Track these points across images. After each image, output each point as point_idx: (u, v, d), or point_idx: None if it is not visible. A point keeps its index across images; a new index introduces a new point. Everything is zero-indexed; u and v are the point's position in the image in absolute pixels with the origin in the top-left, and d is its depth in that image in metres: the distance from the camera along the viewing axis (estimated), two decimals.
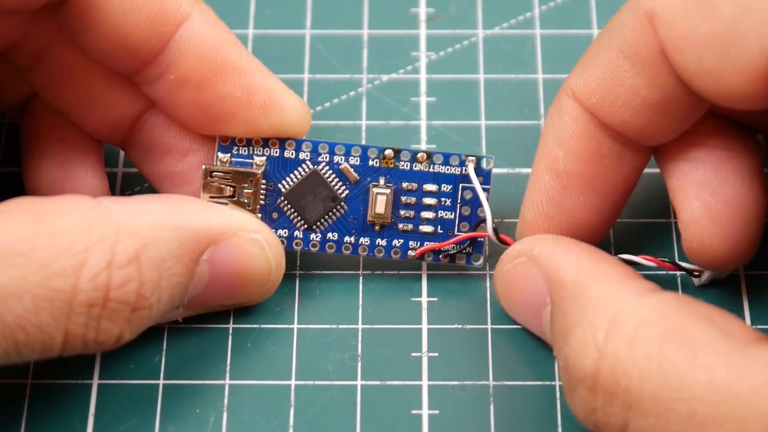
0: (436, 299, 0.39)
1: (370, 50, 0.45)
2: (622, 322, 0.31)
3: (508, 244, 0.37)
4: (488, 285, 0.39)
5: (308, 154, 0.38)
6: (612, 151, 0.36)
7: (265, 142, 0.38)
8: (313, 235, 0.39)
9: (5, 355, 0.32)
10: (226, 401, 0.37)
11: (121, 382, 0.38)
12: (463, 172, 0.38)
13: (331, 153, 0.38)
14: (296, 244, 0.39)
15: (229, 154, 0.38)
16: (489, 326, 0.39)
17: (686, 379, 0.29)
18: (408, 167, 0.38)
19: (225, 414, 0.37)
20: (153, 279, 0.33)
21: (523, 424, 0.37)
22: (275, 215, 0.39)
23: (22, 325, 0.31)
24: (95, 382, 0.38)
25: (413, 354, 0.38)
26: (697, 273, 0.38)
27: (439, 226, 0.39)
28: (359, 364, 0.38)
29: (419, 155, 0.38)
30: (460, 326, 0.39)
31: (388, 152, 0.38)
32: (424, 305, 0.39)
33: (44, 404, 0.37)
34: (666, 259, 0.38)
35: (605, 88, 0.35)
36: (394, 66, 0.44)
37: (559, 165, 0.36)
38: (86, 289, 0.32)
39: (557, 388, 0.37)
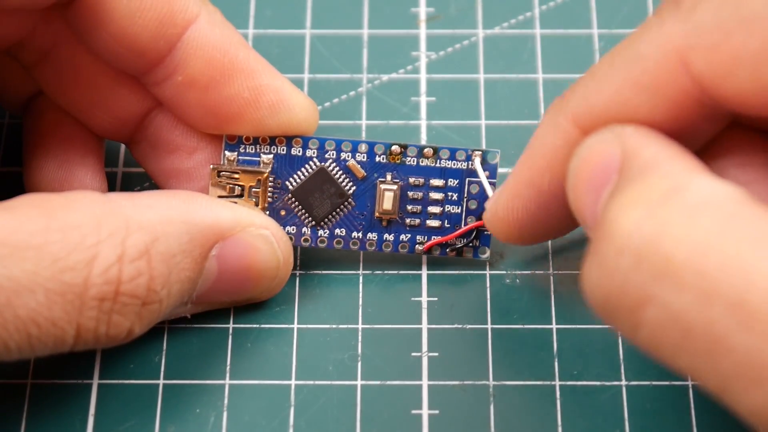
0: (436, 299, 0.39)
1: (370, 50, 0.45)
2: (686, 192, 0.28)
3: None
4: (488, 284, 0.39)
5: (315, 151, 0.38)
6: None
7: (272, 140, 0.38)
8: (321, 232, 0.39)
9: (18, 350, 0.32)
10: (226, 401, 0.37)
11: (121, 382, 0.38)
12: (470, 166, 0.38)
13: (338, 150, 0.38)
14: (304, 240, 0.39)
15: (236, 153, 0.38)
16: (489, 326, 0.39)
17: (746, 264, 0.26)
18: (415, 162, 0.39)
19: (225, 414, 0.37)
20: (163, 273, 0.33)
21: (523, 424, 0.37)
22: (283, 213, 0.39)
23: (35, 319, 0.31)
24: (95, 382, 0.38)
25: (413, 354, 0.38)
26: None
27: (446, 221, 0.39)
28: (359, 364, 0.38)
29: (426, 150, 0.38)
30: (460, 326, 0.39)
31: (395, 148, 0.38)
32: (424, 305, 0.39)
33: (44, 404, 0.37)
34: None
35: (612, 118, 0.33)
36: (394, 66, 0.44)
37: (543, 185, 0.35)
38: (97, 283, 0.32)
39: (557, 388, 0.37)
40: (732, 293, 0.26)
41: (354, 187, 0.39)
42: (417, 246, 0.39)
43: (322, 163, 0.39)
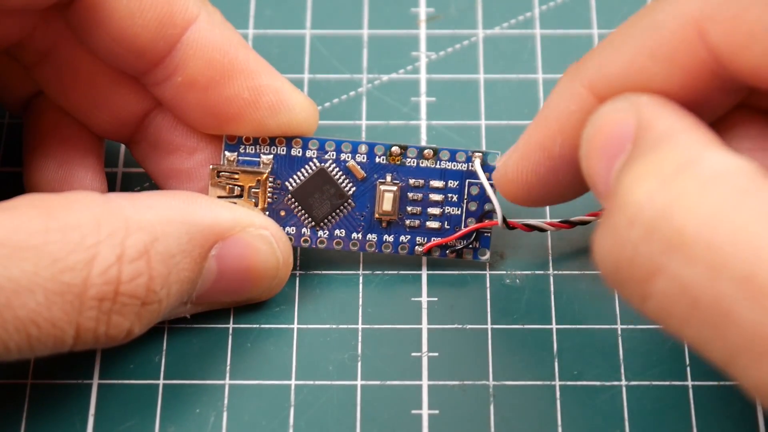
0: (436, 299, 0.39)
1: (370, 50, 0.45)
2: (699, 165, 0.28)
3: (519, 228, 0.38)
4: (488, 285, 0.39)
5: (315, 152, 0.38)
6: None
7: (272, 141, 0.38)
8: (320, 233, 0.39)
9: (18, 350, 0.32)
10: (226, 401, 0.37)
11: (121, 382, 0.38)
12: (470, 167, 0.38)
13: (338, 151, 0.38)
14: (304, 241, 0.39)
15: (236, 153, 0.38)
16: (489, 326, 0.39)
17: (756, 239, 0.26)
18: (414, 164, 0.39)
19: (225, 414, 0.37)
20: (162, 273, 0.33)
21: (523, 424, 0.37)
22: (283, 213, 0.39)
23: (35, 320, 0.31)
24: (95, 382, 0.38)
25: (413, 354, 0.38)
26: None
27: (446, 222, 0.39)
28: (359, 364, 0.38)
29: (426, 152, 0.38)
30: (460, 326, 0.39)
31: (395, 149, 0.38)
32: (424, 305, 0.39)
33: (44, 404, 0.37)
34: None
35: (628, 87, 0.33)
36: (394, 66, 0.44)
37: (554, 149, 0.35)
38: (97, 283, 0.32)
39: (557, 388, 0.37)
40: (741, 267, 0.26)
41: (354, 188, 0.39)
42: (417, 247, 0.39)
43: (322, 164, 0.39)
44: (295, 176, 0.39)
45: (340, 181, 0.39)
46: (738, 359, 0.27)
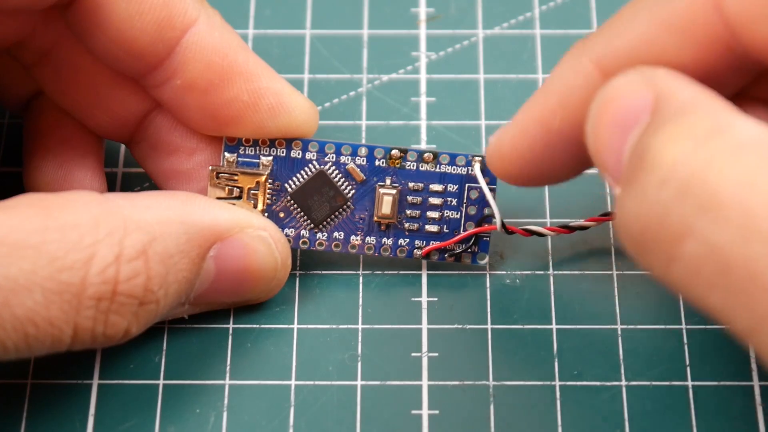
0: (436, 299, 0.39)
1: (370, 50, 0.45)
2: (731, 131, 0.27)
3: (518, 233, 0.38)
4: (488, 285, 0.39)
5: (315, 154, 0.38)
6: None
7: (272, 143, 0.38)
8: (319, 235, 0.39)
9: (15, 349, 0.32)
10: (226, 401, 0.37)
11: (121, 382, 0.38)
12: (470, 172, 0.38)
13: (338, 153, 0.38)
14: (303, 243, 0.39)
15: (235, 155, 0.38)
16: (489, 326, 0.39)
17: None
18: (414, 167, 0.38)
19: (225, 414, 0.37)
20: (160, 273, 0.33)
21: (523, 424, 0.37)
22: (282, 215, 0.39)
23: (33, 319, 0.31)
24: (95, 382, 0.38)
25: (413, 354, 0.38)
26: None
27: (445, 226, 0.39)
28: (359, 364, 0.38)
29: (426, 155, 0.38)
30: (460, 326, 0.39)
31: (395, 152, 0.38)
32: (424, 305, 0.39)
33: (44, 404, 0.37)
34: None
35: (638, 61, 0.32)
36: (394, 66, 0.44)
37: (553, 124, 0.34)
38: (95, 283, 0.32)
39: (557, 388, 0.37)
40: None
41: (353, 191, 0.39)
42: (415, 251, 0.39)
43: (322, 166, 0.38)
44: (294, 178, 0.39)
45: (340, 183, 0.38)
46: (764, 327, 0.26)
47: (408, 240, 0.39)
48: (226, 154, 0.38)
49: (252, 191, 0.38)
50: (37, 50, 0.37)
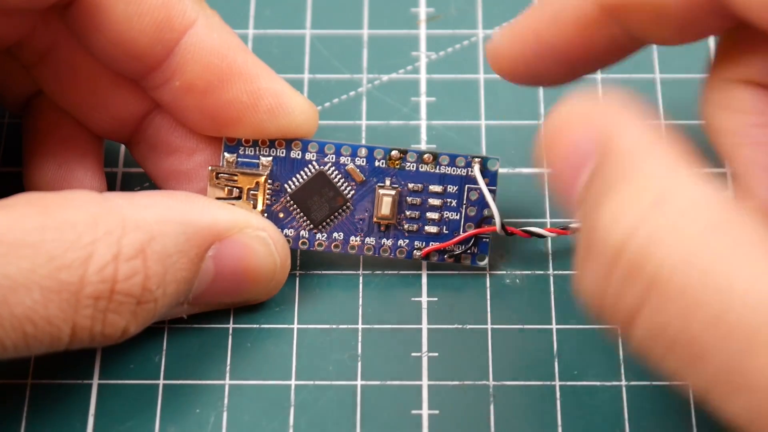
0: (436, 299, 0.39)
1: (370, 50, 0.45)
2: (670, 201, 0.28)
3: (518, 235, 0.38)
4: (488, 285, 0.39)
5: (314, 154, 0.38)
6: (608, 41, 0.35)
7: (272, 143, 0.38)
8: (319, 235, 0.39)
9: (14, 348, 0.32)
10: (226, 401, 0.37)
11: (121, 382, 0.38)
12: (469, 173, 0.38)
13: (338, 154, 0.38)
14: (302, 243, 0.39)
15: (235, 155, 0.38)
16: (489, 326, 0.39)
17: (725, 276, 0.27)
18: (414, 168, 0.38)
19: (225, 414, 0.37)
20: (158, 272, 0.33)
21: (523, 424, 0.37)
22: (281, 215, 0.39)
23: (31, 317, 0.31)
24: (95, 382, 0.38)
25: (413, 354, 0.38)
26: None
27: (445, 227, 0.39)
28: (359, 364, 0.38)
29: (425, 156, 0.38)
30: (460, 326, 0.39)
31: (395, 153, 0.38)
32: (424, 305, 0.39)
33: (44, 404, 0.37)
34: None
35: None
36: (394, 66, 0.44)
37: (545, 36, 0.35)
38: (93, 282, 0.32)
39: (557, 388, 0.37)
40: (713, 306, 0.26)
41: (353, 192, 0.39)
42: (415, 252, 0.39)
43: (321, 167, 0.38)
44: (294, 178, 0.39)
45: (339, 184, 0.38)
46: (715, 393, 0.27)
47: (407, 241, 0.39)
48: (226, 154, 0.38)
49: (251, 191, 0.38)
50: (36, 50, 0.37)
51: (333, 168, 0.38)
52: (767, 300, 0.26)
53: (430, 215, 0.39)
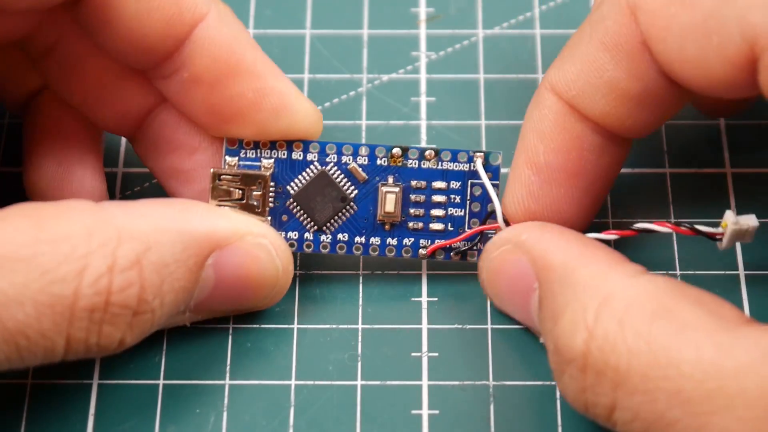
0: (436, 299, 0.39)
1: (370, 50, 0.45)
2: (611, 302, 0.32)
3: None
4: None
5: (316, 155, 0.38)
6: (593, 144, 0.36)
7: (273, 144, 0.38)
8: (323, 237, 0.39)
9: (7, 361, 0.32)
10: (226, 401, 0.37)
11: (121, 382, 0.38)
12: (472, 168, 0.38)
13: (339, 153, 0.38)
14: (307, 246, 0.39)
15: (236, 157, 0.38)
16: (489, 326, 0.39)
17: (674, 356, 0.30)
18: (416, 165, 0.38)
19: (225, 414, 0.37)
20: (155, 283, 0.33)
21: (523, 424, 0.37)
22: (285, 218, 0.38)
23: (24, 331, 0.31)
24: (95, 382, 0.38)
25: (413, 354, 0.38)
26: (719, 237, 0.36)
27: (450, 224, 0.39)
28: (359, 364, 0.38)
29: (427, 153, 0.38)
30: (460, 326, 0.39)
31: (396, 151, 0.38)
32: (424, 305, 0.39)
33: (44, 404, 0.37)
34: (685, 224, 0.36)
35: (585, 80, 0.35)
36: (394, 66, 0.44)
37: (539, 159, 0.36)
38: (88, 294, 0.32)
39: (557, 388, 0.37)
40: (669, 386, 0.30)
41: (356, 191, 0.39)
42: (420, 250, 0.39)
43: (323, 167, 0.38)
44: (296, 180, 0.38)
45: (342, 183, 0.38)
46: None
47: (413, 239, 0.39)
48: (227, 157, 0.38)
49: (254, 194, 0.38)
50: (42, 44, 0.37)
51: (335, 168, 0.38)
52: (715, 369, 0.29)
53: (435, 212, 0.39)
